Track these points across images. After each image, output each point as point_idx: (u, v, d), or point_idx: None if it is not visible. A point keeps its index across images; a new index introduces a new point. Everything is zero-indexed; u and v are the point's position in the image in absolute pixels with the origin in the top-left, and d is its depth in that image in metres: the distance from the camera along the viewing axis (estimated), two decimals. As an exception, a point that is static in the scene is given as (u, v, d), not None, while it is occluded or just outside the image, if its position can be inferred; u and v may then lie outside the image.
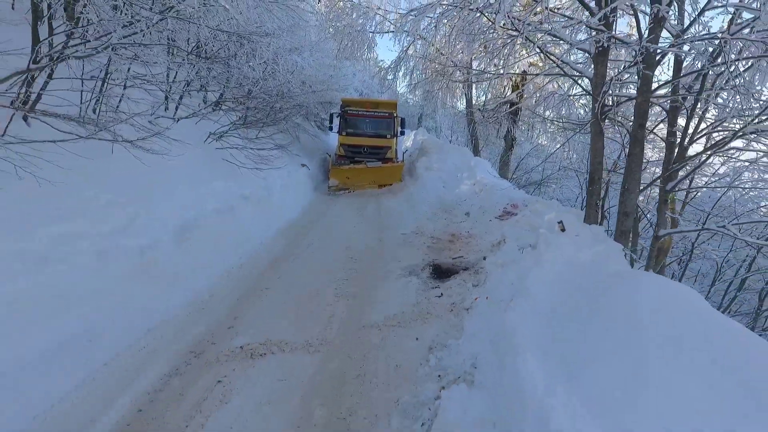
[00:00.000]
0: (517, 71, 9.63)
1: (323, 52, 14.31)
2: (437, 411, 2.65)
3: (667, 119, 5.39)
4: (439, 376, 3.25)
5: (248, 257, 6.18)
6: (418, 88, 15.70)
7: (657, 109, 6.58)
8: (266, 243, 6.96)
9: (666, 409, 1.88)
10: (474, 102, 14.59)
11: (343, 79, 21.55)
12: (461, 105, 16.49)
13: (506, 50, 5.41)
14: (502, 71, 7.09)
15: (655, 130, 5.72)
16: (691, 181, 5.55)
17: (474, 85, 13.75)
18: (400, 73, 14.80)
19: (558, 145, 10.67)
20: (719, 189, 6.82)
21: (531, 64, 9.38)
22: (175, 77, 7.57)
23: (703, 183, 6.90)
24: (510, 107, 13.65)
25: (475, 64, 11.20)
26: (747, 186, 6.70)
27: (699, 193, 7.61)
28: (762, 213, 7.15)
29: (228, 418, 2.96)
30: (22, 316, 3.27)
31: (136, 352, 3.68)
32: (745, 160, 6.14)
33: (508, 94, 13.83)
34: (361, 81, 29.20)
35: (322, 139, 17.28)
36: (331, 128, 13.64)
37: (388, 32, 13.55)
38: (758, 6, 4.22)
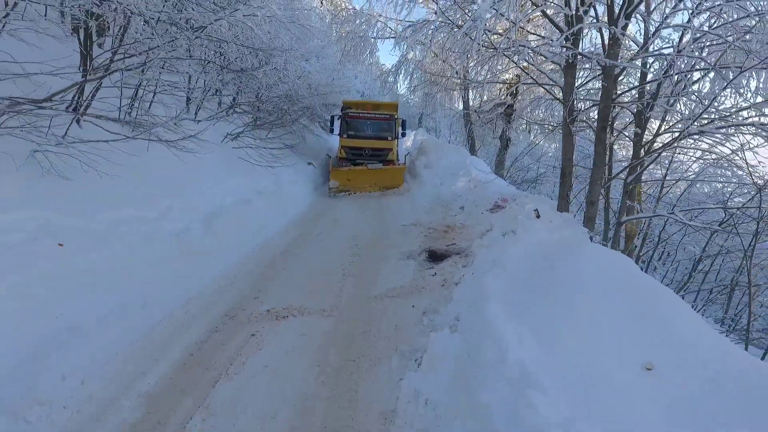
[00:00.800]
0: (507, 77, 10.39)
1: (327, 57, 15.11)
2: (426, 348, 3.43)
3: (634, 121, 6.16)
4: (430, 331, 4.03)
5: (264, 243, 6.95)
6: (418, 90, 16.50)
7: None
8: (279, 232, 7.74)
9: (584, 332, 2.66)
10: (471, 104, 15.34)
11: (346, 81, 22.32)
12: (459, 106, 17.27)
13: (492, 61, 6.18)
14: (491, 79, 7.87)
15: (625, 131, 6.48)
16: (639, 174, 6.13)
17: (470, 88, 14.50)
18: (401, 77, 15.61)
19: (544, 145, 11.42)
20: (685, 182, 7.60)
21: (524, 69, 10.15)
22: (196, 83, 8.38)
23: (663, 178, 7.68)
24: (504, 109, 14.43)
25: (471, 66, 11.97)
26: (691, 178, 7.49)
27: (671, 188, 8.38)
28: (714, 202, 7.88)
29: (263, 359, 3.74)
30: (94, 282, 4.06)
31: (180, 316, 4.45)
32: (697, 157, 6.90)
33: (503, 96, 14.59)
34: (362, 83, 29.94)
35: (326, 140, 18.03)
36: (332, 130, 13.63)
37: (389, 38, 14.34)
38: (701, 26, 5.01)
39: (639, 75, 6.04)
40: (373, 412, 3.10)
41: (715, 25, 5.22)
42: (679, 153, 6.85)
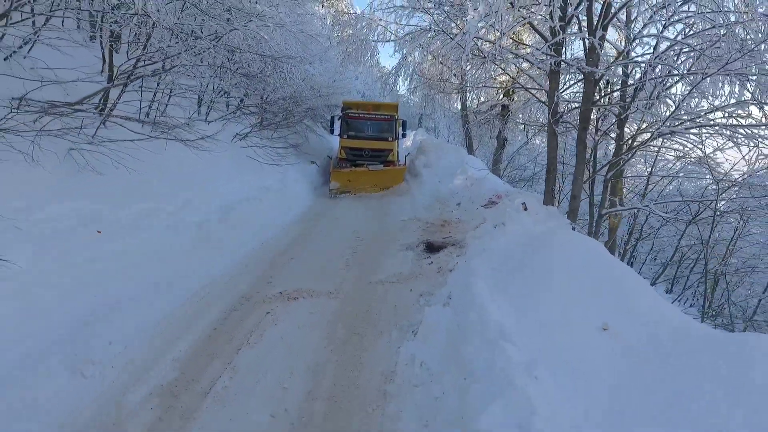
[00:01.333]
0: (503, 79, 10.90)
1: (329, 60, 15.64)
2: (422, 321, 3.94)
3: (616, 122, 6.68)
4: (425, 307, 4.54)
5: (273, 236, 7.45)
6: (417, 92, 17.02)
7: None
8: (286, 226, 8.24)
9: (552, 301, 3.17)
10: (468, 105, 15.85)
11: (347, 82, 22.83)
12: (457, 106, 17.78)
13: (484, 67, 6.69)
14: (486, 82, 8.39)
15: (609, 131, 6.99)
16: (617, 171, 6.59)
17: (467, 90, 15.00)
18: (401, 78, 16.12)
19: (541, 144, 11.92)
20: (671, 178, 8.13)
21: (511, 76, 10.66)
22: (207, 87, 8.89)
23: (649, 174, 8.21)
24: (500, 110, 14.94)
25: (467, 70, 12.47)
26: (660, 174, 8.03)
27: (656, 185, 8.91)
28: (687, 195, 8.41)
29: (278, 332, 4.25)
30: (127, 265, 4.58)
31: (202, 297, 4.95)
32: (675, 156, 7.41)
33: (499, 98, 15.09)
34: (363, 83, 30.46)
35: (329, 140, 18.51)
36: (332, 131, 13.55)
37: (389, 41, 14.85)
38: (677, 35, 5.52)
39: (621, 79, 6.54)
40: (376, 373, 3.62)
41: (690, 32, 5.74)
42: (665, 151, 7.37)
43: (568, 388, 2.49)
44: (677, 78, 5.92)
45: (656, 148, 7.13)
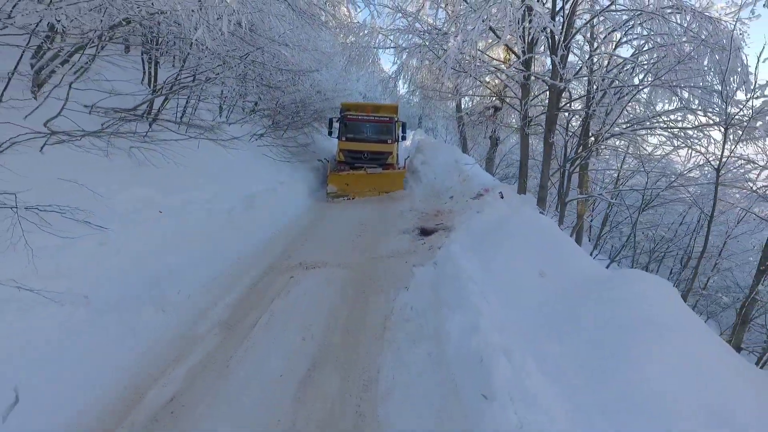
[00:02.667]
0: (495, 83, 12.07)
1: (334, 64, 16.81)
2: (413, 278, 5.13)
3: (581, 124, 7.86)
4: (416, 267, 5.74)
5: (288, 223, 8.65)
6: (416, 95, 18.17)
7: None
8: (298, 215, 9.44)
9: (507, 258, 4.35)
10: (463, 107, 17.02)
11: (350, 84, 23.97)
12: (453, 108, 18.95)
13: (465, 78, 7.87)
14: (477, 90, 9.57)
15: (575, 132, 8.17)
16: (576, 165, 7.78)
17: (464, 90, 16.17)
18: (400, 82, 17.28)
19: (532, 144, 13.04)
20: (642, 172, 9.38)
21: (487, 85, 11.83)
22: (229, 93, 10.10)
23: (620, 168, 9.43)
24: (493, 112, 16.11)
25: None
26: (613, 167, 9.23)
27: (627, 178, 10.13)
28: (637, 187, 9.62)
29: (301, 290, 5.44)
30: (179, 241, 5.76)
31: (237, 266, 6.12)
32: (629, 152, 8.59)
33: (492, 101, 16.26)
34: (365, 85, 31.61)
35: (333, 140, 19.67)
36: (330, 133, 13.24)
37: (390, 47, 16.02)
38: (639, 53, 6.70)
39: (587, 89, 7.72)
40: (378, 315, 4.80)
41: (637, 53, 6.92)
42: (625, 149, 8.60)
43: (507, 306, 3.65)
44: (631, 88, 7.10)
45: (608, 147, 8.33)
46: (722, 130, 6.27)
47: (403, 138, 13.77)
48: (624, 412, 2.37)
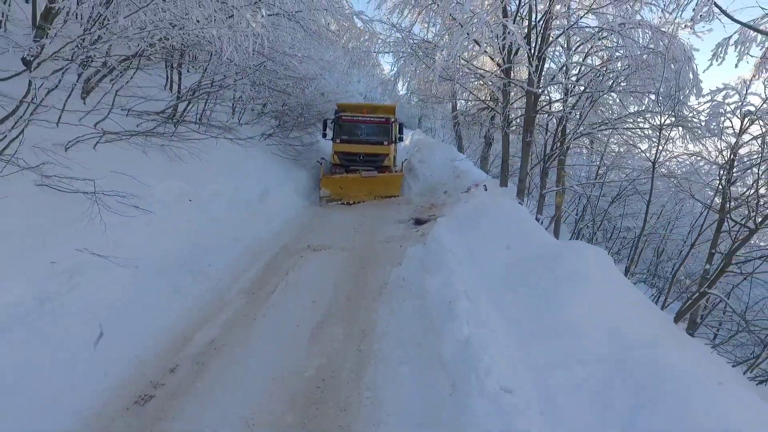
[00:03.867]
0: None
1: (336, 68, 17.77)
2: (405, 255, 6.11)
3: (556, 125, 8.83)
4: (408, 248, 6.71)
5: (297, 213, 9.64)
6: (414, 96, 19.12)
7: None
8: (306, 206, 10.44)
9: (480, 235, 5.32)
10: (458, 107, 17.98)
11: (351, 86, 24.92)
12: (450, 109, 19.92)
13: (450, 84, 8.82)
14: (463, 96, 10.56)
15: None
16: (551, 161, 8.81)
17: (457, 94, 17.15)
18: (399, 84, 18.25)
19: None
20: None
21: (472, 91, 12.83)
22: (240, 96, 11.08)
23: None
24: (488, 112, 17.06)
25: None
26: (579, 164, 10.20)
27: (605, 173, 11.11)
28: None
29: (311, 265, 6.42)
30: (209, 226, 6.74)
31: (256, 248, 7.08)
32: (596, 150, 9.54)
33: (487, 101, 17.20)
34: (366, 86, 32.57)
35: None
36: (324, 135, 12.85)
37: (389, 52, 17.00)
38: (592, 62, 7.66)
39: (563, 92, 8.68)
40: (375, 284, 5.77)
41: (608, 60, 7.87)
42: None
43: (477, 269, 4.60)
44: (600, 94, 8.07)
45: (580, 146, 9.30)
46: (658, 132, 7.29)
47: (401, 139, 13.38)
48: (546, 333, 3.33)
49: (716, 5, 4.36)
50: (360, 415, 3.33)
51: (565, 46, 8.25)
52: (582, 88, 7.69)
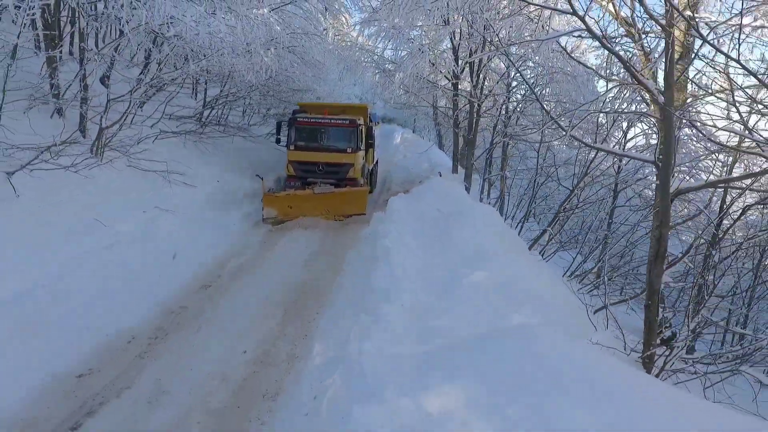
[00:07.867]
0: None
1: (330, 72, 20.19)
2: (372, 220, 8.59)
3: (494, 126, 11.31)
4: (374, 214, 9.20)
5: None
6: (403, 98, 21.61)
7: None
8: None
9: (423, 202, 7.80)
10: (437, 110, 20.48)
11: (347, 89, 27.18)
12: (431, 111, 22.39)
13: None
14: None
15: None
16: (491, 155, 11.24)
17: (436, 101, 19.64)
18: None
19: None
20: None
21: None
22: (250, 103, 13.58)
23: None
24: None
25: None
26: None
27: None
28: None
29: (296, 239, 8.85)
30: (231, 198, 9.21)
31: (251, 228, 9.54)
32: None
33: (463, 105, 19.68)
34: (361, 88, 34.86)
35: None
36: (278, 140, 10.53)
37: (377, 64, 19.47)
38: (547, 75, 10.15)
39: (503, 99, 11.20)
40: (348, 236, 8.23)
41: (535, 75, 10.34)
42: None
43: (414, 223, 7.12)
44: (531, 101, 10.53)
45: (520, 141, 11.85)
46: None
47: (371, 145, 11.07)
48: (444, 251, 5.83)
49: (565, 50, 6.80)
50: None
51: (499, 66, 10.74)
52: (514, 100, 10.17)
